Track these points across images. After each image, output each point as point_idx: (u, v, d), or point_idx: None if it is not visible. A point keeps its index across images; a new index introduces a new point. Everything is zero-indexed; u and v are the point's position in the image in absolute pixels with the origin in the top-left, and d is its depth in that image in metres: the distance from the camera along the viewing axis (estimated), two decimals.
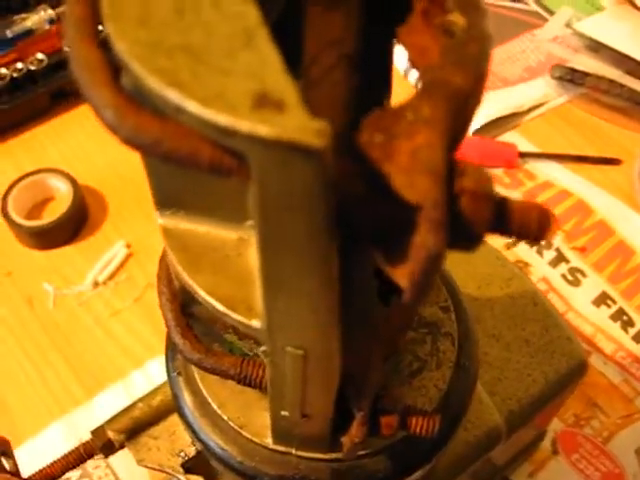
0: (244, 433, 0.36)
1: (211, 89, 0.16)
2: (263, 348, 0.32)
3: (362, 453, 0.35)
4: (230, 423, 0.36)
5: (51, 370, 0.67)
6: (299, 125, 0.16)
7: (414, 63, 0.26)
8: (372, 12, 0.26)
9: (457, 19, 0.22)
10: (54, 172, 0.75)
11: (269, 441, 0.36)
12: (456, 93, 0.20)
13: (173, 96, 0.16)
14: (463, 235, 0.20)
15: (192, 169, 0.18)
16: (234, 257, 0.28)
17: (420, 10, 0.26)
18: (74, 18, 0.20)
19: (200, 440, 0.37)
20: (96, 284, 0.71)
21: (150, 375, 0.65)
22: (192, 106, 0.16)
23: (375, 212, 0.19)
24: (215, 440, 0.37)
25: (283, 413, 0.31)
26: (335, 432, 0.33)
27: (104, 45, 0.19)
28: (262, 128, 0.16)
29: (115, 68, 0.19)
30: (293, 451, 0.36)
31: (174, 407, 0.42)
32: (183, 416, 0.39)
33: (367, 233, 0.20)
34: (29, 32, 0.83)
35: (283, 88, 0.16)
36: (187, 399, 0.39)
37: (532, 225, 0.21)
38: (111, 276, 0.71)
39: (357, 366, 0.30)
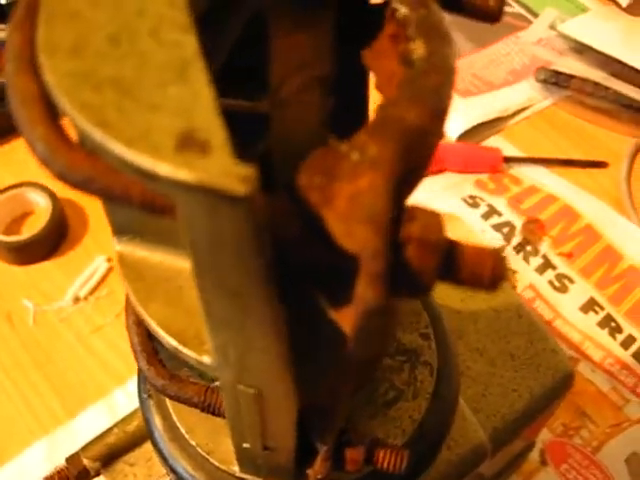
0: (211, 460, 0.35)
1: (137, 128, 0.16)
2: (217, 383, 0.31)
3: None
4: (198, 449, 0.36)
5: (32, 388, 0.66)
6: (223, 170, 0.15)
7: (381, 89, 0.25)
8: (344, 34, 0.25)
9: (418, 47, 0.20)
10: (33, 186, 0.74)
11: (236, 469, 0.35)
12: (409, 131, 0.19)
13: (97, 135, 0.16)
14: (410, 284, 0.19)
15: (125, 206, 0.17)
16: (187, 288, 0.27)
17: (389, 34, 0.25)
18: (13, 47, 0.19)
19: (169, 465, 0.37)
20: (77, 300, 0.70)
21: (132, 393, 0.64)
22: (115, 147, 0.15)
23: (313, 256, 0.18)
24: (184, 465, 0.36)
25: (245, 445, 0.31)
26: (302, 464, 0.32)
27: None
28: (183, 172, 0.15)
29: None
30: None
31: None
32: (153, 440, 0.38)
33: (307, 276, 0.19)
34: (4, 43, 0.82)
35: (210, 127, 0.15)
36: (157, 422, 0.38)
37: (485, 274, 0.19)
38: (92, 291, 0.70)
39: (322, 400, 0.29)
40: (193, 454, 0.36)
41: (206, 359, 0.26)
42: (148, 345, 0.33)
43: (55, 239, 0.73)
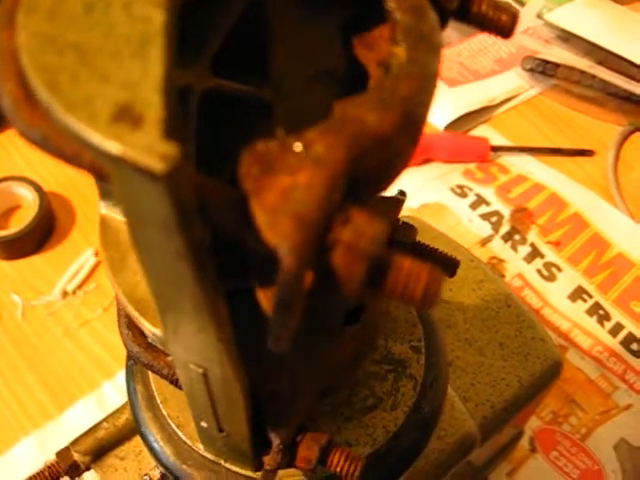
0: (180, 433, 0.35)
1: (82, 95, 0.16)
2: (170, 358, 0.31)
3: None
4: (169, 420, 0.36)
5: (21, 383, 0.65)
6: (146, 145, 0.15)
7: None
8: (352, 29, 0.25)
9: (399, 53, 0.20)
10: (19, 180, 0.73)
11: (201, 447, 0.35)
12: (365, 134, 0.18)
13: (44, 96, 0.16)
14: (335, 289, 0.18)
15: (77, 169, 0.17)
16: None
17: (382, 32, 0.24)
18: (4, 4, 0.20)
19: (141, 432, 0.37)
20: (65, 294, 0.69)
21: (121, 387, 0.64)
22: (57, 110, 0.16)
23: (244, 243, 0.18)
24: (154, 435, 0.36)
25: (202, 424, 0.31)
26: (262, 452, 0.32)
27: None
28: (110, 144, 0.15)
29: None
30: (222, 462, 0.35)
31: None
32: (132, 405, 0.38)
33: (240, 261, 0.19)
34: None
35: (150, 103, 0.16)
36: (137, 389, 0.38)
37: (418, 290, 0.18)
38: (80, 285, 0.70)
39: (281, 392, 0.30)
40: (164, 425, 0.36)
41: (158, 332, 0.26)
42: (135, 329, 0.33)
43: (43, 233, 0.73)
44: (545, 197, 0.76)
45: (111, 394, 0.64)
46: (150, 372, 0.37)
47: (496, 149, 0.79)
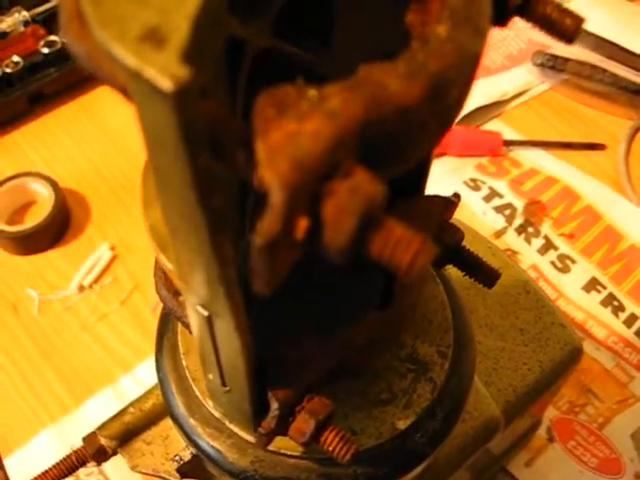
0: (193, 386, 0.36)
1: (119, 14, 0.17)
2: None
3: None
4: (186, 372, 0.37)
5: (38, 377, 0.66)
6: (162, 64, 0.15)
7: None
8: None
9: (440, 31, 0.20)
10: (35, 176, 0.74)
11: (211, 403, 0.35)
12: (384, 99, 0.18)
13: (88, 11, 0.17)
14: (323, 242, 0.18)
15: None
16: None
17: (433, 6, 0.24)
18: None
19: (159, 378, 0.38)
20: (81, 288, 0.70)
21: (140, 379, 0.64)
22: (94, 25, 0.17)
23: (246, 178, 0.18)
24: (171, 384, 0.37)
25: (210, 376, 0.31)
26: (262, 416, 0.32)
27: None
28: (130, 58, 0.16)
29: None
30: (227, 423, 0.35)
31: (166, 410, 0.42)
32: (156, 350, 0.39)
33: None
34: (4, 35, 0.82)
35: (176, 28, 0.16)
36: (166, 335, 0.39)
37: (406, 257, 0.18)
38: (96, 279, 0.70)
39: (291, 362, 0.30)
40: (181, 376, 0.37)
41: (171, 266, 0.27)
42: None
43: (58, 228, 0.73)
44: (557, 190, 0.77)
45: (130, 387, 0.64)
46: (180, 326, 0.37)
47: (508, 143, 0.79)
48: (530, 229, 0.74)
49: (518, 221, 0.74)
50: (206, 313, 0.26)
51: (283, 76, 0.20)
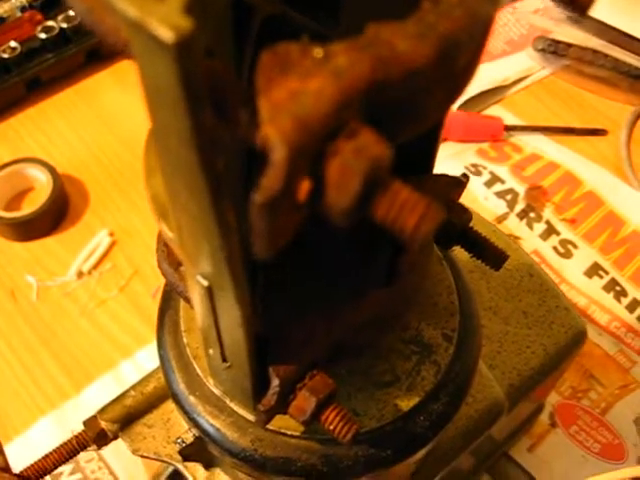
0: (194, 364, 0.36)
1: None
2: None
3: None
4: (187, 349, 0.36)
5: (37, 364, 0.65)
6: (163, 15, 0.15)
7: None
8: None
9: None
10: (33, 162, 0.73)
11: (212, 381, 0.35)
12: (392, 60, 0.18)
13: None
14: (325, 202, 0.18)
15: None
16: None
17: None
18: None
19: (160, 355, 0.38)
20: (80, 274, 0.69)
21: (140, 365, 0.64)
22: None
23: (245, 137, 0.18)
24: (171, 362, 0.37)
25: (210, 351, 0.31)
26: (263, 394, 0.31)
27: None
28: (131, 9, 0.15)
29: None
30: (227, 401, 0.35)
31: (168, 394, 0.41)
32: (158, 328, 0.39)
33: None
34: (1, 20, 0.81)
35: None
36: (167, 312, 0.39)
37: (410, 221, 0.18)
38: (95, 265, 0.70)
39: (294, 338, 0.29)
40: (182, 353, 0.37)
41: (172, 235, 0.26)
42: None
43: (56, 215, 0.72)
44: (559, 175, 0.76)
45: (130, 373, 0.64)
46: (182, 299, 0.37)
47: (509, 128, 0.79)
48: (532, 214, 0.73)
49: (520, 206, 0.74)
50: (206, 283, 0.25)
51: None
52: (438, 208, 0.18)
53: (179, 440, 0.38)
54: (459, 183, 0.32)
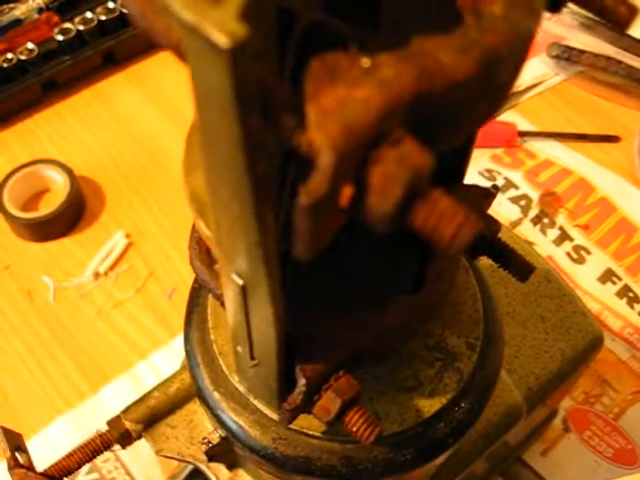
0: (220, 360, 0.37)
1: None
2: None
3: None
4: (214, 345, 0.37)
5: (54, 364, 0.66)
6: (219, 20, 0.15)
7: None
8: None
9: (495, 8, 0.20)
10: (49, 163, 0.74)
11: (237, 378, 0.36)
12: (437, 72, 0.19)
13: None
14: (366, 209, 0.18)
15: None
16: None
17: None
18: None
19: (186, 350, 0.38)
20: (97, 275, 0.69)
21: (155, 366, 0.64)
22: None
23: (293, 141, 0.18)
24: (197, 356, 0.38)
25: (238, 348, 0.31)
26: (288, 393, 0.32)
27: None
28: (187, 13, 0.16)
29: None
30: (251, 399, 0.36)
31: (191, 395, 0.42)
32: (185, 324, 0.39)
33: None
34: (18, 22, 0.82)
35: None
36: (195, 309, 0.39)
37: (448, 231, 0.18)
38: (112, 267, 0.70)
39: (320, 339, 0.30)
40: (208, 349, 0.37)
41: (209, 233, 0.27)
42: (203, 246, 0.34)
43: (73, 216, 0.73)
44: (573, 181, 0.77)
45: (146, 374, 0.64)
46: (210, 297, 0.38)
47: (523, 134, 0.79)
48: (545, 220, 0.74)
49: (534, 212, 0.74)
50: (241, 282, 0.26)
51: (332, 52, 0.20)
52: (476, 218, 0.18)
53: (205, 440, 0.38)
54: (489, 194, 0.33)
